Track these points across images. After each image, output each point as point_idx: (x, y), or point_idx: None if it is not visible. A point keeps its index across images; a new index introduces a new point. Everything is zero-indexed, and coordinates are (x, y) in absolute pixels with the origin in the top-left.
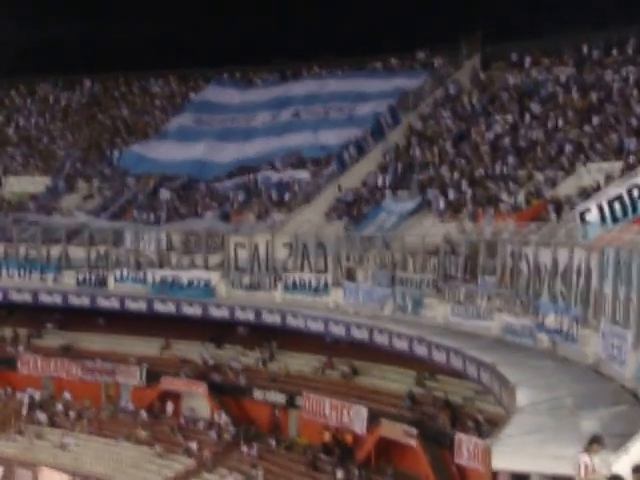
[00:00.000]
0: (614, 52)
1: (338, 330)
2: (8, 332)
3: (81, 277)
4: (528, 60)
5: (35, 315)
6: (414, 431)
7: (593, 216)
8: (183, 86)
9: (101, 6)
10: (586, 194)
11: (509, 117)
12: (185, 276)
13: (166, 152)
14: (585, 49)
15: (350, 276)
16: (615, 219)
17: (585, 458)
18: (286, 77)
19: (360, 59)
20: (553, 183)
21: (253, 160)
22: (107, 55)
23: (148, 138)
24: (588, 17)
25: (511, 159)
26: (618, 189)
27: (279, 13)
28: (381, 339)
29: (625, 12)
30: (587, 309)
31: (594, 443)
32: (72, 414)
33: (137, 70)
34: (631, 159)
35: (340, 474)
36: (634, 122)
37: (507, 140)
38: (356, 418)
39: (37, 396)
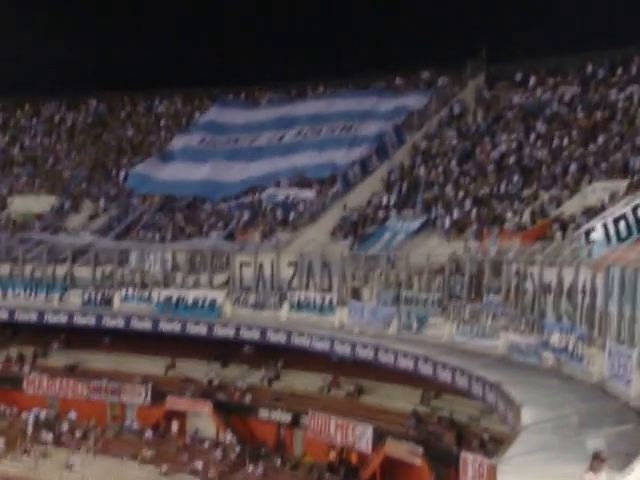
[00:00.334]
0: (619, 71)
1: (343, 349)
2: (14, 352)
3: (86, 296)
4: (533, 79)
5: (41, 335)
6: (419, 450)
7: (598, 235)
8: (188, 105)
9: (105, 27)
10: (591, 213)
11: (514, 136)
12: (190, 295)
13: (172, 173)
14: (590, 68)
15: (355, 295)
16: (620, 238)
17: (590, 477)
18: (291, 96)
19: (365, 79)
20: (558, 202)
21: (259, 180)
22: (112, 75)
23: (153, 157)
24: (592, 36)
25: (516, 178)
26: (623, 208)
27: (284, 33)
28: (386, 358)
29: (629, 31)
30: (592, 328)
31: (596, 459)
32: (78, 433)
33: (142, 89)
34: (636, 178)
35: None
36: (639, 141)
37: (512, 159)
38: (361, 437)
39: (43, 416)
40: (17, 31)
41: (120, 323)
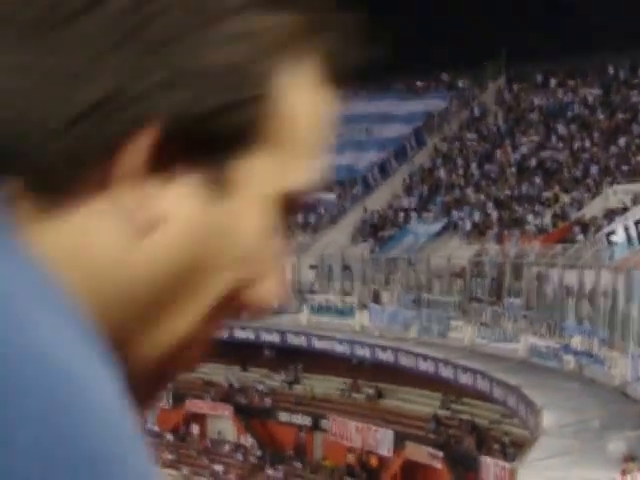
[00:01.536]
0: None
1: (363, 352)
2: None
3: None
4: (553, 81)
5: None
6: (440, 454)
7: (619, 238)
8: None
9: None
10: (612, 216)
11: (535, 138)
12: None
13: None
14: (611, 70)
15: (376, 298)
16: None
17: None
18: None
19: (384, 81)
20: (579, 204)
21: None
22: None
23: None
24: (613, 38)
25: (537, 180)
26: None
27: None
28: (406, 361)
29: None
30: (614, 331)
31: (629, 461)
32: None
33: None
34: None
35: None
36: None
37: (533, 161)
38: (382, 441)
39: None
40: None
41: None
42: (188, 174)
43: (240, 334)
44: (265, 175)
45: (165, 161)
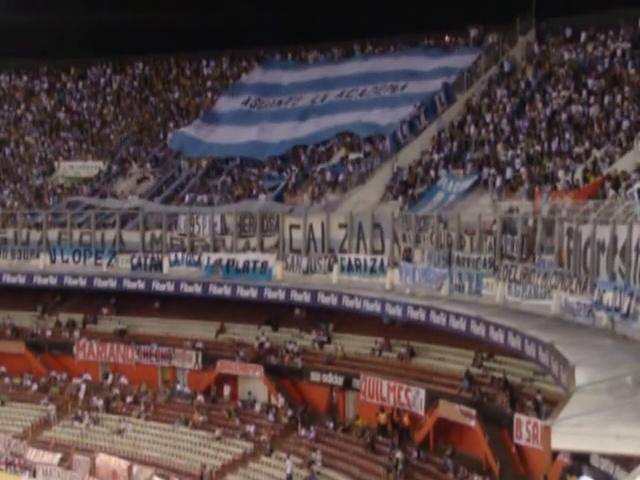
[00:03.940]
0: None
1: (395, 311)
2: (63, 317)
3: (135, 261)
4: (583, 35)
5: (90, 300)
6: (473, 412)
7: None
8: (235, 66)
9: None
10: None
11: (565, 93)
12: (241, 258)
13: (220, 136)
14: None
15: (406, 256)
16: None
17: None
18: (338, 56)
19: (413, 37)
20: (610, 159)
21: (303, 140)
22: (158, 37)
23: (198, 120)
24: None
25: (568, 135)
26: None
27: None
28: (438, 319)
29: None
30: None
31: None
32: (129, 399)
33: (188, 51)
34: None
35: (399, 455)
36: None
37: (563, 116)
38: (414, 399)
39: (93, 381)
40: None
41: (170, 287)
42: None
43: (270, 294)
44: None
45: None
